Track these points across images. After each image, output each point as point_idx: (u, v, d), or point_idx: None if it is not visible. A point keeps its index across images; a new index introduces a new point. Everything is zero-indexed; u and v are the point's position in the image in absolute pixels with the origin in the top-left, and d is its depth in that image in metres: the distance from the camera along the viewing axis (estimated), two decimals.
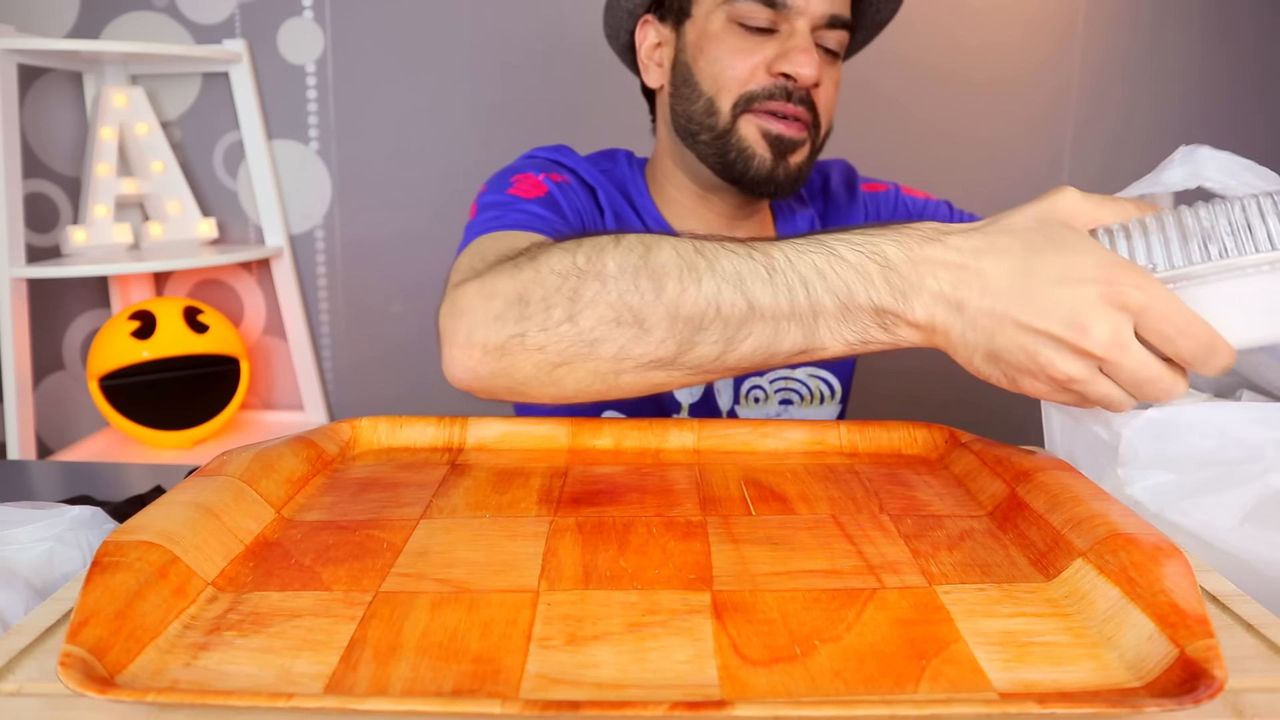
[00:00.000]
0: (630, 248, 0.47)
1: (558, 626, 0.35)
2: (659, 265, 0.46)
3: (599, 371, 0.48)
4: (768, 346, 0.46)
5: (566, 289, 0.48)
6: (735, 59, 0.75)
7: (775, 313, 0.45)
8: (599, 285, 0.47)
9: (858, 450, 0.58)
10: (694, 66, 0.78)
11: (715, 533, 0.44)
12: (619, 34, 0.86)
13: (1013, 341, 0.42)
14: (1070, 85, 1.65)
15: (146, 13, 1.59)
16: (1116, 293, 0.40)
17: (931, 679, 0.32)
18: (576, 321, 0.47)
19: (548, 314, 0.48)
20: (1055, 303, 0.41)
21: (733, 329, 0.45)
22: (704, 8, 0.77)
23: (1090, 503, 0.41)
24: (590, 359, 0.48)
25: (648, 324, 0.46)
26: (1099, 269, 0.40)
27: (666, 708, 0.28)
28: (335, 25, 1.61)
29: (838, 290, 0.44)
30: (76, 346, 1.69)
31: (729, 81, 0.75)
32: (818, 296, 0.44)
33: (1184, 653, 0.31)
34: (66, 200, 1.62)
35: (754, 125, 0.76)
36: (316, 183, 1.67)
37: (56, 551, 0.46)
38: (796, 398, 0.89)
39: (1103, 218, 0.44)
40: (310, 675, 0.32)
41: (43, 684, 0.31)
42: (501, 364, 0.50)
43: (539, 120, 1.62)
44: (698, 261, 0.46)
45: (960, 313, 0.43)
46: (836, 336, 0.45)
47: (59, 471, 0.81)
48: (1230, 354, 0.41)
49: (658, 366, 0.47)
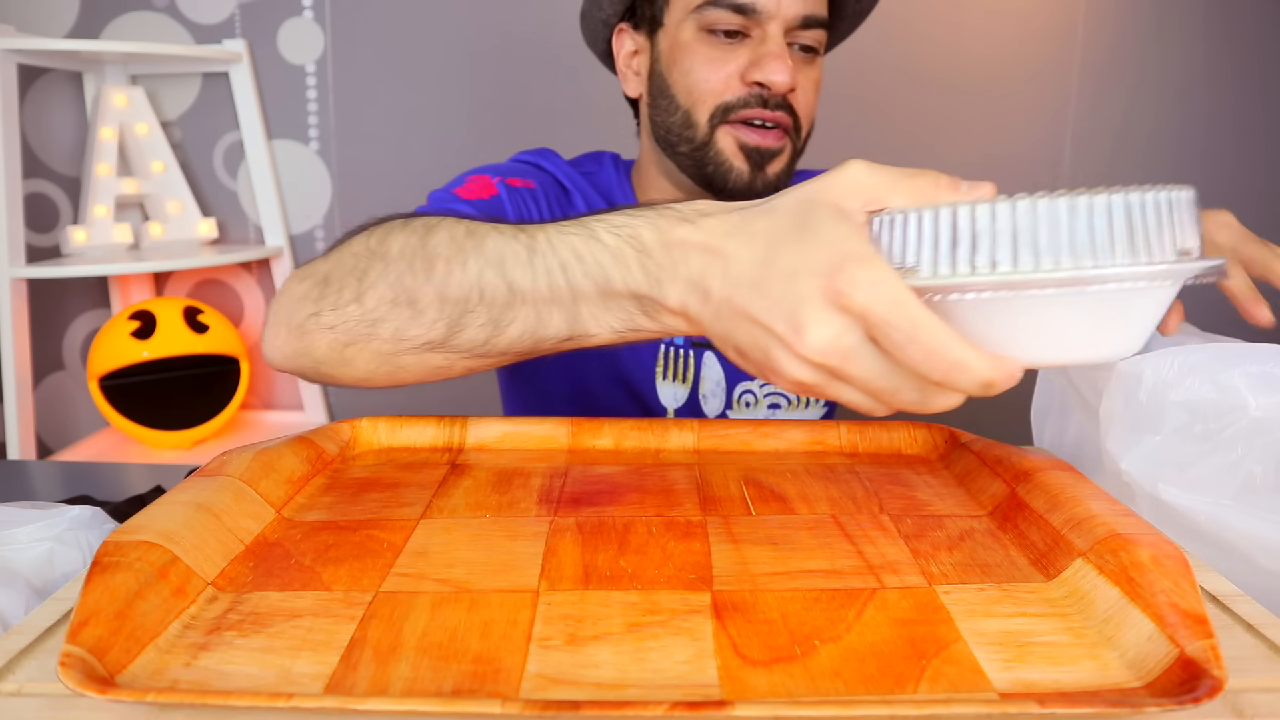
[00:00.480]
0: (414, 230, 0.48)
1: (558, 626, 0.35)
2: (432, 247, 0.46)
3: (381, 352, 0.49)
4: (533, 331, 0.44)
5: (357, 270, 0.49)
6: (708, 69, 0.74)
7: (535, 297, 0.43)
8: (382, 266, 0.48)
9: (858, 450, 0.58)
10: (669, 78, 0.77)
11: (715, 533, 0.44)
12: (596, 42, 0.85)
13: (749, 337, 0.37)
14: (1070, 85, 1.65)
15: (146, 13, 1.59)
16: (838, 291, 0.34)
17: (931, 679, 0.32)
18: (362, 302, 0.48)
19: (339, 294, 0.49)
20: (779, 296, 0.36)
21: (497, 312, 0.44)
22: (675, 16, 0.75)
23: (1090, 503, 0.41)
24: (373, 339, 0.48)
25: (420, 305, 0.46)
26: (830, 263, 0.35)
27: (666, 708, 0.28)
28: (335, 25, 1.61)
29: (595, 275, 0.42)
30: (76, 346, 1.69)
31: (704, 93, 0.74)
32: (576, 281, 0.42)
33: (1184, 653, 0.31)
34: (66, 200, 1.62)
35: (731, 137, 0.75)
36: (316, 183, 1.67)
37: (56, 551, 0.46)
38: (785, 401, 0.88)
39: (889, 198, 0.37)
40: (310, 675, 0.32)
41: (43, 684, 0.31)
42: (302, 343, 0.51)
43: (538, 120, 1.62)
44: (466, 244, 0.45)
45: (707, 301, 0.39)
46: (601, 323, 0.43)
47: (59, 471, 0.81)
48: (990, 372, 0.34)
49: (432, 349, 0.47)
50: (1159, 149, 1.69)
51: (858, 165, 0.38)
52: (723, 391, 0.86)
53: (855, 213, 0.37)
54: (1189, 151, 1.69)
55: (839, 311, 0.35)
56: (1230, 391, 0.43)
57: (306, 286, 0.51)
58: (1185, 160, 1.69)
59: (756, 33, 0.73)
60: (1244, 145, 1.69)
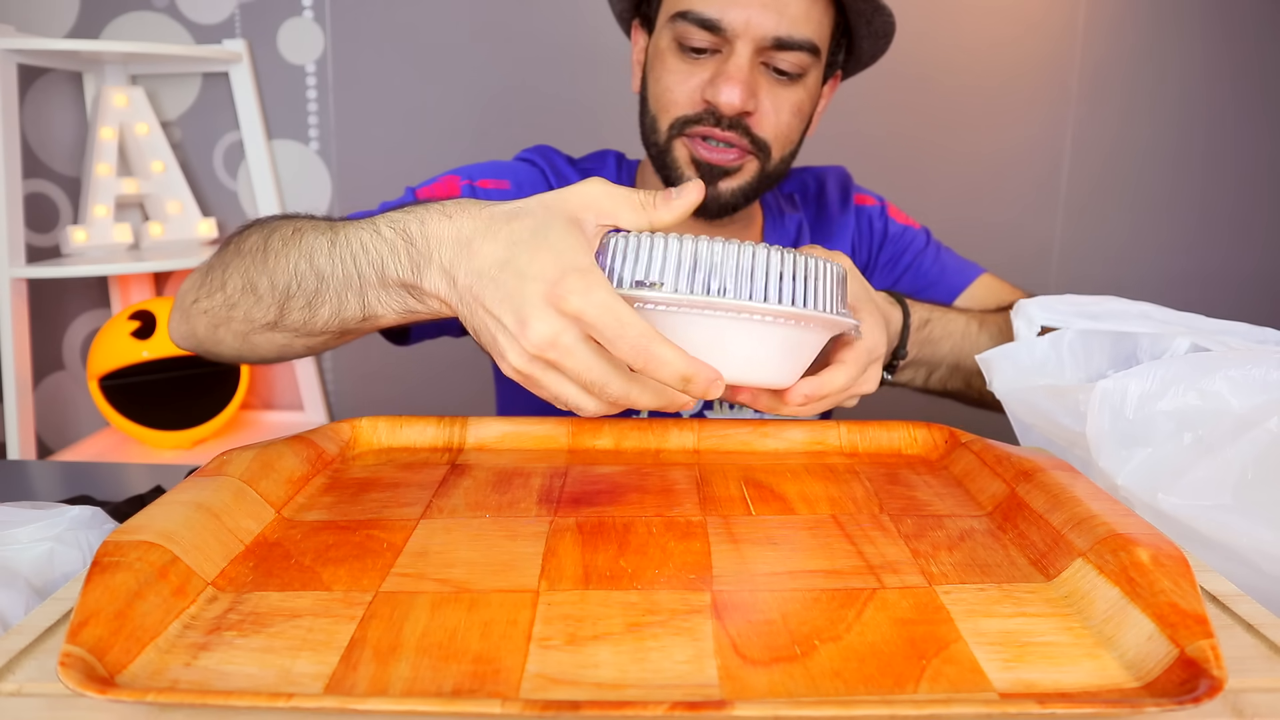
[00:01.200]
0: (264, 229, 0.56)
1: (558, 626, 0.35)
2: (271, 243, 0.54)
3: (238, 332, 0.58)
4: (338, 312, 0.51)
5: (223, 263, 0.58)
6: (673, 80, 0.74)
7: (335, 283, 0.50)
8: (237, 260, 0.56)
9: (858, 450, 0.58)
10: (648, 81, 0.78)
11: (715, 533, 0.44)
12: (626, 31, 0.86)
13: (482, 323, 0.43)
14: (1070, 85, 1.65)
15: (146, 13, 1.59)
16: (558, 296, 0.40)
17: (931, 679, 0.32)
18: (225, 289, 0.57)
19: (210, 284, 0.58)
20: (509, 294, 0.41)
21: (309, 296, 0.51)
22: (660, 22, 0.76)
23: (1090, 503, 0.41)
24: (231, 321, 0.57)
25: (259, 292, 0.54)
26: (553, 269, 0.40)
27: (666, 708, 0.28)
28: (335, 25, 1.61)
29: (375, 264, 0.48)
30: (76, 346, 1.69)
31: (666, 104, 0.75)
32: (363, 269, 0.48)
33: (1184, 653, 0.31)
34: (66, 200, 1.62)
35: (685, 149, 0.75)
36: (316, 183, 1.67)
37: (56, 551, 0.46)
38: None
39: (620, 216, 0.44)
40: (310, 675, 0.32)
41: (43, 684, 0.31)
42: (188, 324, 0.62)
43: (539, 120, 1.62)
44: (291, 239, 0.52)
45: (454, 287, 0.44)
46: (385, 306, 0.49)
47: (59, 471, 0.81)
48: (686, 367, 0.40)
49: (270, 328, 0.55)
50: (1159, 149, 1.69)
51: (597, 183, 0.44)
52: None
53: (588, 224, 0.43)
54: (1189, 151, 1.69)
55: (558, 313, 0.40)
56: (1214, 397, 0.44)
57: (194, 278, 0.62)
58: (1185, 160, 1.69)
59: (725, 50, 0.72)
60: (1244, 145, 1.68)
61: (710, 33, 0.71)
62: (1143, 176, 1.70)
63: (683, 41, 0.73)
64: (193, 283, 0.61)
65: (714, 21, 0.70)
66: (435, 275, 0.45)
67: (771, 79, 0.73)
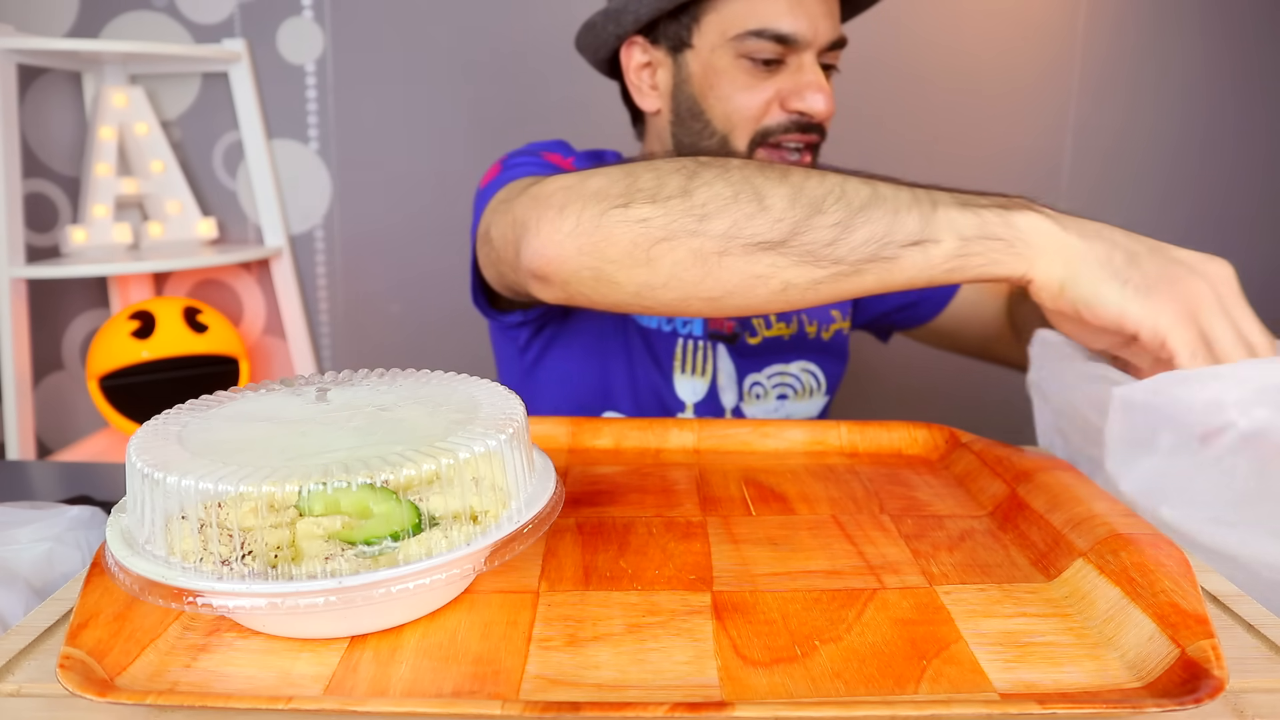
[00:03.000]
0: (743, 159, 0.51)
1: (558, 627, 0.35)
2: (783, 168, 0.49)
3: (701, 252, 0.47)
4: (883, 235, 0.46)
5: (684, 170, 0.49)
6: (748, 96, 0.75)
7: (896, 202, 0.46)
8: (719, 170, 0.48)
9: (858, 450, 0.58)
10: (703, 102, 0.77)
11: (715, 533, 0.44)
12: (599, 50, 0.84)
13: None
14: (1070, 85, 1.65)
15: (146, 12, 1.59)
16: None
17: (932, 679, 0.32)
18: (691, 194, 0.47)
19: (660, 185, 0.48)
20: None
21: (852, 212, 0.46)
22: (708, 40, 0.76)
23: (1091, 503, 0.41)
24: (696, 235, 0.47)
25: (767, 201, 0.47)
26: None
27: (667, 708, 0.28)
28: (335, 25, 1.61)
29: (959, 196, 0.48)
30: (76, 346, 1.69)
31: (743, 120, 0.76)
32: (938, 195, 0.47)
33: (1185, 653, 0.31)
34: (66, 200, 1.62)
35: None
36: (316, 183, 1.67)
37: (56, 551, 0.46)
38: (791, 391, 0.89)
39: None
40: (310, 676, 0.32)
41: (42, 684, 0.31)
42: (594, 238, 0.49)
43: (539, 120, 1.62)
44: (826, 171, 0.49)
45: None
46: (952, 226, 0.46)
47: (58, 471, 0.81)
48: None
49: (766, 248, 0.47)
50: (1159, 149, 1.69)
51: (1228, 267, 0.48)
52: (734, 384, 0.87)
53: None
54: (1189, 151, 1.69)
55: None
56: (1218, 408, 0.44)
57: (600, 182, 0.49)
58: (1185, 160, 1.69)
59: (792, 60, 0.75)
60: (1244, 145, 1.68)
61: (783, 45, 0.74)
62: (1143, 176, 1.70)
63: (753, 56, 0.74)
64: (601, 187, 0.49)
65: (790, 35, 0.73)
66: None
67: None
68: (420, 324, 1.70)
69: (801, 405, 0.90)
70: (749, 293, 0.49)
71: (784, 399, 0.89)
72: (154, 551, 0.32)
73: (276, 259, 1.67)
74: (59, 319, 1.66)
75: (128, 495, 0.34)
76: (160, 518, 0.32)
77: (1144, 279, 0.46)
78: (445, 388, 0.41)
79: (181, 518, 0.31)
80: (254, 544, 0.31)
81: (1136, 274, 0.46)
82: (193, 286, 1.72)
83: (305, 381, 0.42)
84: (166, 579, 0.31)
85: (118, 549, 0.32)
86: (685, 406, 0.86)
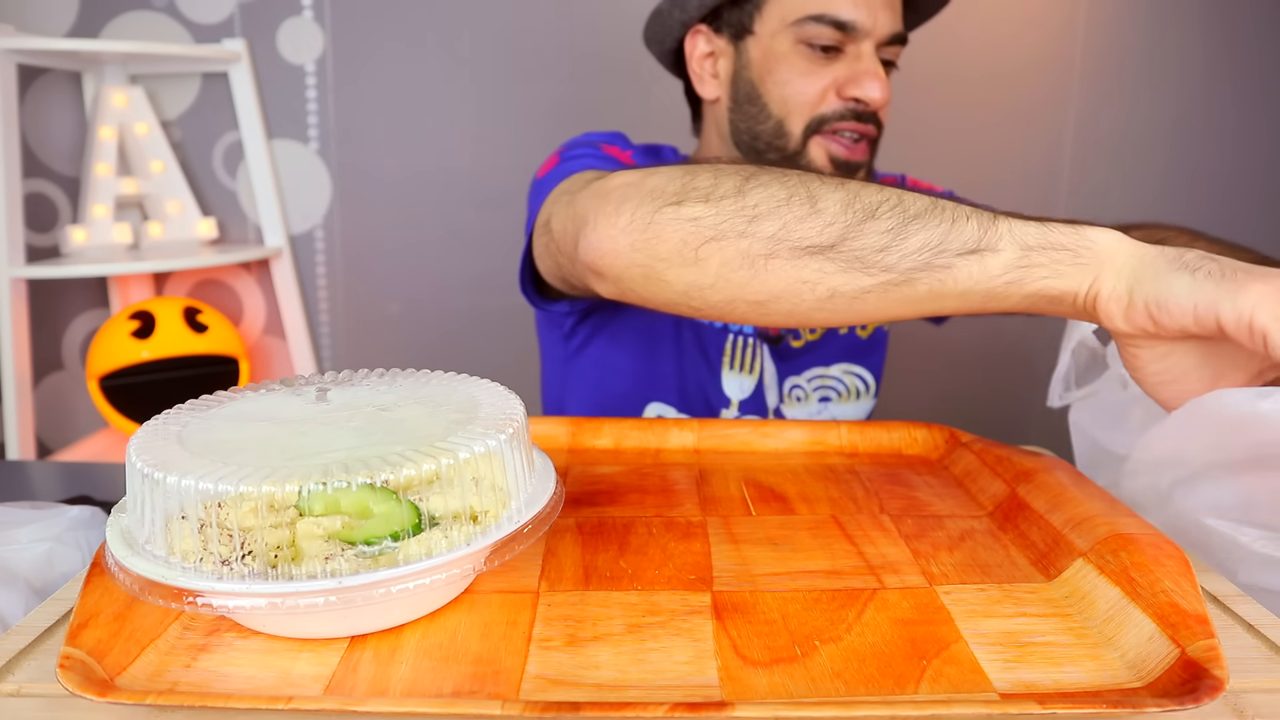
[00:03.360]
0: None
1: (558, 627, 0.35)
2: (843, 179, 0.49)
3: (749, 253, 0.47)
4: (938, 242, 0.45)
5: (742, 173, 0.49)
6: (805, 82, 0.76)
7: (956, 212, 0.45)
8: (777, 175, 0.48)
9: (858, 450, 0.58)
10: (760, 87, 0.78)
11: (715, 533, 0.44)
12: (665, 40, 0.85)
13: None
14: (1070, 85, 1.65)
15: (146, 12, 1.59)
16: None
17: (932, 679, 0.32)
18: (744, 195, 0.47)
19: (715, 186, 0.48)
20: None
21: (908, 219, 0.45)
22: (769, 26, 0.77)
23: (1091, 503, 0.41)
24: (745, 236, 0.47)
25: (820, 204, 0.46)
26: None
27: (667, 709, 0.28)
28: (335, 25, 1.61)
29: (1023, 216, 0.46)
30: (76, 346, 1.69)
31: (799, 105, 0.77)
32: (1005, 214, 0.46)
33: (1185, 653, 0.31)
34: (66, 200, 1.62)
35: (823, 149, 0.78)
36: (316, 183, 1.67)
37: (56, 551, 0.46)
38: (834, 394, 0.90)
39: None
40: (310, 676, 0.32)
41: (42, 684, 0.31)
42: (646, 235, 0.49)
43: (539, 120, 1.62)
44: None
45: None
46: (1014, 235, 0.44)
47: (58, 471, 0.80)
48: None
49: (815, 253, 0.46)
50: (1159, 149, 1.69)
51: None
52: (776, 385, 0.87)
53: None
54: (1190, 151, 1.69)
55: None
56: None
57: (660, 180, 0.50)
58: (1186, 160, 1.69)
59: (851, 49, 0.76)
60: (1244, 145, 1.68)
61: (841, 32, 0.74)
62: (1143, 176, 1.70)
63: (812, 42, 0.75)
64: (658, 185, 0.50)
65: (849, 22, 0.74)
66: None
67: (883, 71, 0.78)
68: (420, 324, 1.70)
69: (847, 408, 0.91)
70: (795, 298, 0.48)
71: (827, 401, 0.90)
72: (154, 551, 0.32)
73: (276, 259, 1.67)
74: (59, 319, 1.66)
75: (128, 495, 0.34)
76: (160, 518, 0.32)
77: (1219, 267, 0.41)
78: (445, 388, 0.41)
79: (181, 518, 0.31)
80: (254, 544, 0.31)
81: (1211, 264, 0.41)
82: (193, 286, 1.72)
83: (305, 381, 0.42)
84: (166, 579, 0.31)
85: (118, 549, 0.32)
86: (730, 403, 0.87)
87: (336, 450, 0.33)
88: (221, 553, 0.31)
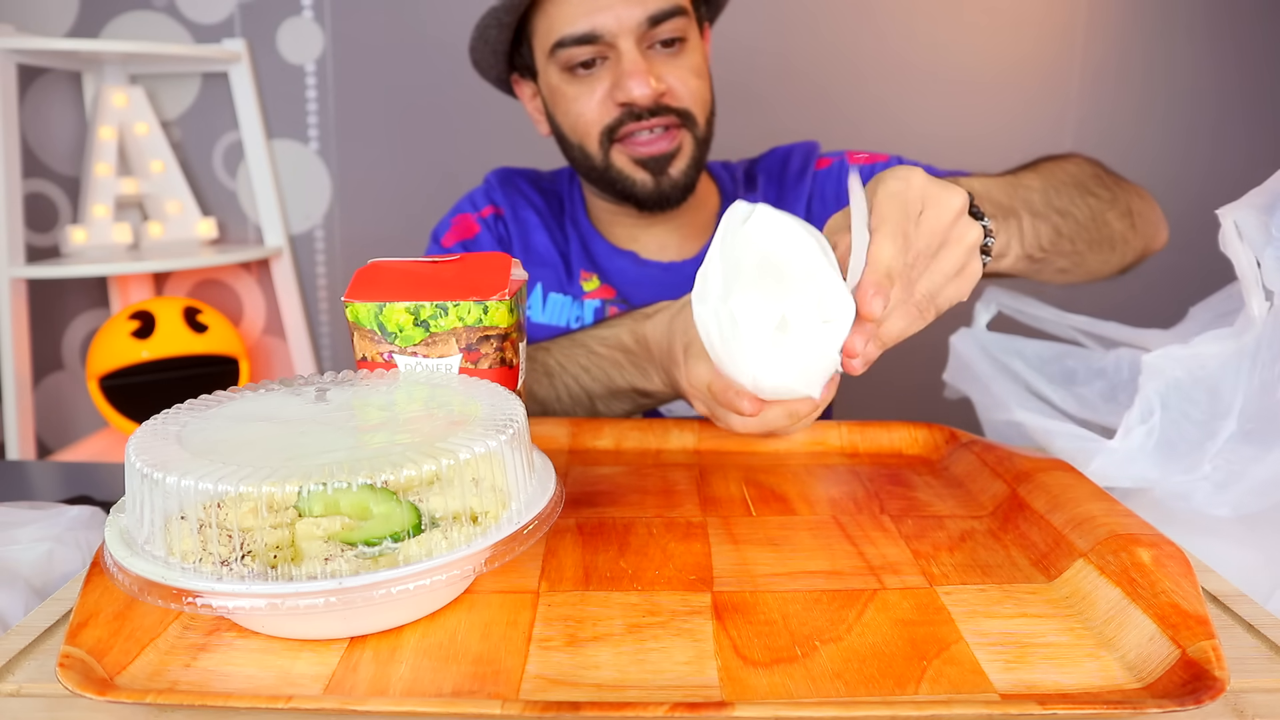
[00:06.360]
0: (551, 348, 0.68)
1: (558, 627, 0.35)
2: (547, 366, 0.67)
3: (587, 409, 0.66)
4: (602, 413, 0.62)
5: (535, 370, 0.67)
6: (580, 104, 0.78)
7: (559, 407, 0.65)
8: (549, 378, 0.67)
9: (858, 450, 0.58)
10: (556, 119, 0.82)
11: (715, 533, 0.44)
12: (488, 72, 0.87)
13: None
14: (1070, 85, 1.65)
15: (146, 12, 1.59)
16: None
17: (932, 680, 0.32)
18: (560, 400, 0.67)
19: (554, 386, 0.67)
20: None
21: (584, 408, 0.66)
22: (540, 63, 0.80)
23: (1091, 503, 0.41)
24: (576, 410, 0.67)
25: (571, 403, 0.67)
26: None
27: (667, 708, 0.28)
28: (335, 25, 1.61)
29: (601, 380, 0.63)
30: (76, 346, 1.69)
31: (586, 126, 0.78)
32: (589, 386, 0.64)
33: (1185, 653, 0.31)
34: (66, 200, 1.62)
35: (624, 155, 0.79)
36: (316, 183, 1.67)
37: (56, 552, 0.46)
38: None
39: None
40: (310, 676, 0.32)
41: (42, 684, 0.31)
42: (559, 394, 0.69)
43: None
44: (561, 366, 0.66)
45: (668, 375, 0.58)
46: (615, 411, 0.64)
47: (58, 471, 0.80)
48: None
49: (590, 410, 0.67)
50: (1160, 149, 1.68)
51: None
52: None
53: None
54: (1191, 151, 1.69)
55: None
56: None
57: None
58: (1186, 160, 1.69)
59: (612, 54, 0.75)
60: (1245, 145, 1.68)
61: (590, 45, 0.75)
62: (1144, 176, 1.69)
63: (569, 65, 0.76)
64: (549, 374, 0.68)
65: (589, 33, 0.74)
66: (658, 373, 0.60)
67: (662, 54, 0.77)
68: None
69: None
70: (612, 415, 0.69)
71: None
72: (153, 552, 0.32)
73: (276, 259, 1.67)
74: (59, 319, 1.66)
75: (127, 495, 0.34)
76: (159, 518, 0.32)
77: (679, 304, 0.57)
78: (445, 388, 0.41)
79: (181, 518, 0.31)
80: (253, 544, 0.31)
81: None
82: (193, 286, 1.72)
83: (305, 381, 0.42)
84: (166, 579, 0.31)
85: (117, 549, 0.32)
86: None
87: (336, 450, 0.33)
88: (221, 553, 0.31)
